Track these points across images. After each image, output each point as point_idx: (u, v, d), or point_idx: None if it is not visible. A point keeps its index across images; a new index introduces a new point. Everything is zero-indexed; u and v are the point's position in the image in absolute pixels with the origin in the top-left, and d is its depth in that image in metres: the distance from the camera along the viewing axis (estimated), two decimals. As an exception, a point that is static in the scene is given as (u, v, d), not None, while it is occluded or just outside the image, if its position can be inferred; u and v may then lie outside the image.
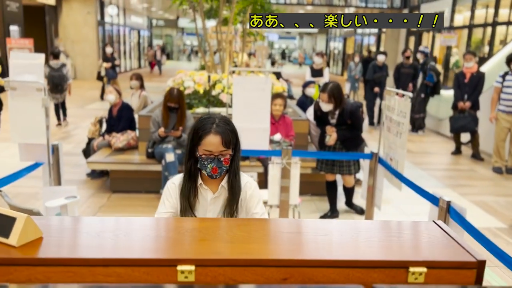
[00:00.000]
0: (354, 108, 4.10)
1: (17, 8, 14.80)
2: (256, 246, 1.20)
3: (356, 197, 4.75)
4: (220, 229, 1.29)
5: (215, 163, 1.82)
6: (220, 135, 1.81)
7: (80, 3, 17.79)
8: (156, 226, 1.29)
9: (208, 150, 1.80)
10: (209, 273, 1.12)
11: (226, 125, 1.85)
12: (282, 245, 1.21)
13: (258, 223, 1.35)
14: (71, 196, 2.93)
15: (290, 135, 4.96)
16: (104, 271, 1.10)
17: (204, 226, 1.30)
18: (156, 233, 1.24)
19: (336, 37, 28.68)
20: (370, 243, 1.23)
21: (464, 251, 1.20)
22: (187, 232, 1.25)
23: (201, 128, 1.83)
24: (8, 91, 2.91)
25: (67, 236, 1.20)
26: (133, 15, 24.20)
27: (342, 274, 1.13)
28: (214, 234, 1.25)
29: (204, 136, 1.81)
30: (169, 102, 4.66)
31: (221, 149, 1.81)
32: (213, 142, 1.80)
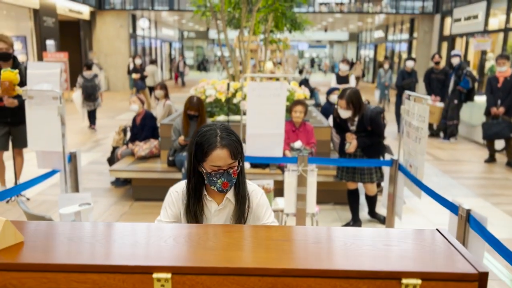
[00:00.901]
0: (374, 114, 3.97)
1: (53, 23, 15.39)
2: (240, 253, 1.14)
3: (379, 206, 4.60)
4: (205, 235, 1.23)
5: (225, 177, 1.70)
6: (227, 148, 1.68)
7: (113, 17, 18.34)
8: (138, 232, 1.25)
9: (217, 166, 1.68)
10: (186, 282, 1.06)
11: (231, 136, 1.73)
12: (268, 253, 1.14)
13: (248, 229, 1.29)
14: (85, 203, 2.94)
15: (311, 142, 4.87)
16: (79, 277, 1.07)
17: (188, 233, 1.25)
18: (136, 239, 1.20)
19: (367, 44, 28.32)
20: (363, 252, 1.15)
21: (466, 262, 1.09)
22: (170, 239, 1.21)
23: (205, 142, 1.70)
24: (26, 100, 2.98)
25: (48, 242, 1.18)
26: (165, 27, 24.73)
27: (328, 284, 1.05)
28: (198, 241, 1.20)
29: (210, 151, 1.68)
30: (189, 110, 4.67)
31: (230, 162, 1.69)
32: (221, 156, 1.67)
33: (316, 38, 38.30)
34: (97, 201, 5.04)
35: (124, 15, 18.37)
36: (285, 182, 3.43)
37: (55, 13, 15.44)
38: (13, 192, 2.56)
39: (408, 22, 19.73)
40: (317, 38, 38.99)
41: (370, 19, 21.86)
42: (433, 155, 7.52)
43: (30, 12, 14.38)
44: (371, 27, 26.03)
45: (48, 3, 14.91)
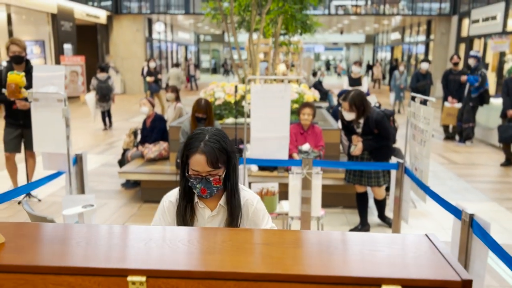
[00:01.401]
0: (380, 117, 3.91)
1: (71, 27, 15.66)
2: (217, 257, 1.12)
3: (388, 210, 4.52)
4: (185, 238, 1.21)
5: (203, 183, 1.69)
6: (205, 154, 1.66)
7: (130, 21, 18.57)
8: (117, 235, 1.25)
9: (195, 170, 1.68)
10: (161, 285, 1.05)
11: (215, 143, 1.69)
12: (246, 257, 1.12)
13: (228, 233, 1.27)
14: (88, 204, 2.96)
15: (319, 145, 4.83)
16: (55, 279, 1.06)
17: (168, 235, 1.24)
18: (114, 242, 1.19)
19: (383, 46, 28.05)
20: (345, 257, 1.12)
21: (450, 269, 1.05)
22: (149, 241, 1.19)
23: (189, 146, 1.70)
24: (31, 102, 3.02)
25: (29, 243, 1.18)
26: (180, 31, 24.93)
27: (306, 290, 1.02)
28: (177, 244, 1.18)
29: (190, 155, 1.68)
30: (197, 113, 4.67)
31: (208, 169, 1.67)
32: (199, 162, 1.66)
33: (332, 40, 38.10)
34: (107, 203, 5.09)
35: (140, 19, 18.58)
36: (290, 185, 3.40)
37: (73, 18, 15.71)
38: (17, 193, 2.58)
39: (425, 23, 19.48)
40: (334, 40, 38.79)
41: (386, 21, 21.65)
42: (448, 158, 7.38)
43: (48, 17, 14.67)
44: (388, 29, 25.79)
45: (65, 7, 15.18)
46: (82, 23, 16.79)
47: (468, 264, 2.19)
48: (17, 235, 1.23)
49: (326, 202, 5.04)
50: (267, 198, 3.50)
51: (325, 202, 5.03)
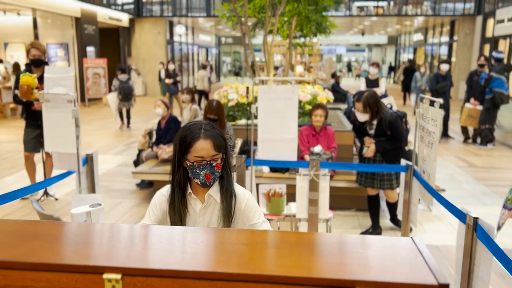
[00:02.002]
0: (393, 119, 3.85)
1: (94, 30, 15.98)
2: (194, 256, 1.12)
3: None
4: (166, 237, 1.22)
5: (208, 169, 1.75)
6: (210, 138, 1.75)
7: (151, 24, 18.83)
8: (98, 233, 1.26)
9: (200, 156, 1.73)
10: (137, 283, 1.05)
11: (214, 129, 1.79)
12: (223, 257, 1.11)
13: (208, 232, 1.27)
14: (96, 204, 3.01)
15: (331, 147, 4.79)
16: (34, 275, 1.08)
17: (149, 234, 1.25)
18: (94, 240, 1.21)
19: (406, 47, 27.64)
20: (323, 258, 1.10)
21: (429, 273, 1.02)
22: (129, 240, 1.20)
23: (189, 134, 1.76)
24: (43, 103, 3.09)
25: (11, 239, 1.20)
26: (202, 33, 25.13)
27: (279, 291, 1.01)
28: (155, 243, 1.19)
29: (193, 142, 1.74)
30: (209, 114, 4.69)
31: (213, 154, 1.74)
32: (204, 147, 1.73)
33: (354, 41, 37.75)
34: (120, 202, 5.16)
35: (162, 22, 18.81)
36: (297, 187, 3.38)
37: (96, 21, 16.03)
38: (25, 192, 2.65)
39: (448, 24, 19.10)
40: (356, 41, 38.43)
41: (408, 21, 21.32)
42: (467, 161, 7.21)
43: (72, 21, 15.01)
44: (410, 30, 25.39)
45: (89, 11, 15.50)
46: (104, 26, 17.11)
47: (472, 269, 2.13)
48: (1, 232, 1.26)
49: (338, 204, 5.00)
50: (274, 199, 3.49)
51: (337, 204, 4.99)
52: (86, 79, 14.76)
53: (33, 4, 12.94)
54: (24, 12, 14.47)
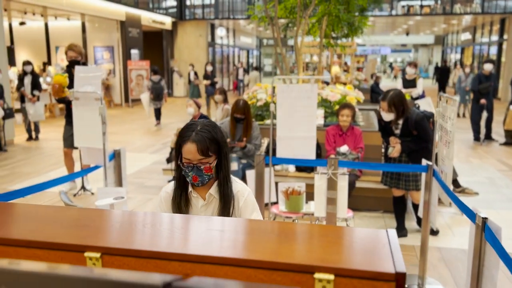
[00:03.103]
0: (419, 118, 3.78)
1: (138, 33, 16.54)
2: (169, 240, 1.19)
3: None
4: (148, 222, 1.30)
5: (195, 171, 1.78)
6: (196, 143, 1.75)
7: (193, 26, 19.25)
8: (90, 217, 1.36)
9: (187, 158, 1.78)
10: (115, 262, 1.13)
11: (206, 133, 1.78)
12: (195, 241, 1.18)
13: (191, 219, 1.33)
14: (119, 196, 3.16)
15: (358, 147, 4.74)
16: (26, 252, 1.19)
17: (135, 219, 1.33)
18: (84, 223, 1.30)
19: (453, 47, 26.65)
20: (288, 245, 1.14)
21: (391, 262, 1.04)
22: (116, 223, 1.29)
23: (181, 135, 1.80)
24: (73, 101, 3.28)
25: (14, 220, 1.32)
26: (243, 35, 25.39)
27: (243, 274, 1.06)
28: (138, 227, 1.27)
29: (182, 144, 1.78)
30: (236, 113, 4.79)
31: (199, 158, 1.76)
32: (190, 150, 1.76)
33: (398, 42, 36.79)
34: (151, 198, 5.35)
35: (203, 24, 19.19)
36: (315, 185, 3.38)
37: (140, 24, 16.59)
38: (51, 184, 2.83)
39: (498, 22, 18.27)
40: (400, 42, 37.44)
41: (456, 20, 20.58)
42: (509, 165, 6.90)
43: (117, 24, 15.62)
44: (458, 29, 24.48)
45: (133, 15, 16.07)
46: (148, 29, 17.67)
47: (481, 271, 2.08)
48: (8, 214, 1.38)
49: (365, 205, 4.94)
50: (293, 197, 3.52)
51: (364, 205, 4.94)
52: (130, 81, 15.31)
53: (82, 9, 13.58)
54: (74, 17, 15.22)
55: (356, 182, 4.73)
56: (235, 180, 1.93)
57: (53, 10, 13.67)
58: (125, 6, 15.29)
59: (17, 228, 1.26)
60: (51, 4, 12.32)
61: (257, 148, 4.75)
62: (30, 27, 15.52)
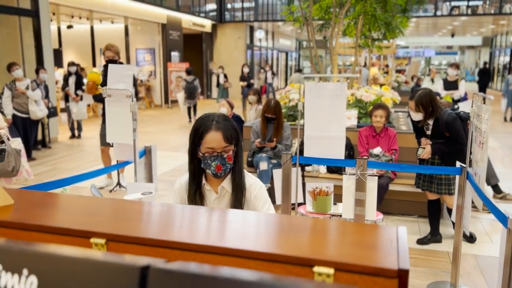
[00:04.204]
0: (451, 119, 3.63)
1: (178, 36, 16.88)
2: (172, 229, 1.19)
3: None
4: (155, 212, 1.31)
5: (219, 160, 1.79)
6: (221, 130, 1.78)
7: (232, 29, 19.44)
8: (101, 206, 1.38)
9: (211, 147, 1.78)
10: (119, 248, 1.15)
11: (227, 121, 1.82)
12: (198, 230, 1.17)
13: (198, 210, 1.33)
14: (147, 192, 3.22)
15: (392, 149, 4.62)
16: (38, 236, 1.22)
17: (141, 209, 1.34)
18: (93, 210, 1.33)
19: (502, 49, 25.50)
20: (291, 238, 1.11)
21: (395, 259, 0.99)
22: (123, 212, 1.31)
23: (201, 126, 1.81)
24: (106, 98, 3.38)
25: (30, 206, 1.37)
26: (282, 38, 25.38)
27: (243, 264, 1.04)
28: (143, 216, 1.29)
29: (205, 133, 1.78)
30: (267, 113, 4.78)
31: (224, 145, 1.78)
32: (215, 138, 1.77)
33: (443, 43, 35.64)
34: (183, 196, 5.43)
35: (242, 27, 19.33)
36: (344, 186, 3.31)
37: (180, 27, 16.93)
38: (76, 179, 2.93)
39: (551, 22, 17.33)
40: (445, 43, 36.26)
41: (504, 21, 19.69)
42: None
43: (159, 27, 16.01)
44: (508, 30, 23.41)
45: (174, 18, 16.42)
46: (188, 32, 18.00)
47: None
48: (26, 200, 1.43)
49: (399, 209, 4.80)
50: (320, 198, 3.46)
51: (397, 209, 4.80)
52: (170, 82, 15.63)
53: (125, 13, 14.02)
54: (117, 20, 15.73)
55: (389, 184, 4.61)
56: (248, 174, 1.93)
57: (98, 14, 14.19)
58: (166, 9, 15.65)
59: (31, 214, 1.30)
60: (97, 7, 12.79)
61: (287, 149, 4.72)
62: (77, 30, 16.17)
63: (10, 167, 4.18)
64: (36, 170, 6.75)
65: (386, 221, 4.61)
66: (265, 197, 1.89)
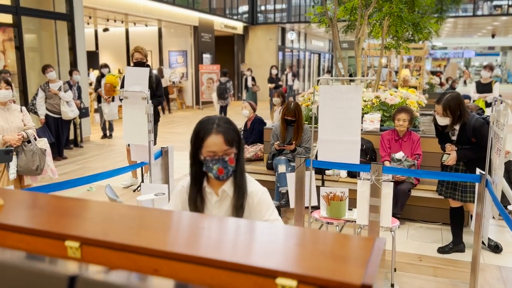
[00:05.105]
0: (478, 124, 3.47)
1: (210, 38, 17.05)
2: (143, 235, 1.19)
3: (491, 231, 3.96)
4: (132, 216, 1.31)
5: (220, 163, 1.78)
6: (222, 134, 1.76)
7: (264, 30, 19.45)
8: (80, 207, 1.39)
9: (212, 151, 1.77)
10: (92, 253, 1.15)
11: (227, 124, 1.81)
12: (169, 237, 1.16)
13: (175, 215, 1.32)
14: (160, 193, 3.25)
15: (415, 153, 4.48)
16: (18, 237, 1.24)
17: (120, 211, 1.34)
18: (72, 212, 1.34)
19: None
20: (260, 247, 1.08)
21: (362, 272, 0.94)
22: (101, 214, 1.32)
23: (202, 129, 1.80)
24: (123, 100, 3.44)
25: (18, 207, 1.40)
26: (314, 39, 25.18)
27: (208, 273, 1.02)
28: (122, 219, 1.28)
29: (206, 137, 1.77)
30: (286, 115, 4.74)
31: (225, 148, 1.76)
32: (216, 142, 1.76)
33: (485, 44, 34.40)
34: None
35: (274, 28, 19.31)
36: (358, 192, 3.23)
37: (212, 29, 17.09)
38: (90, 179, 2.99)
39: None
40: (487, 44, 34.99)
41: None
42: None
43: (191, 29, 16.22)
44: (553, 29, 22.32)
45: (206, 20, 16.60)
46: (220, 34, 18.14)
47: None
48: (16, 201, 1.46)
49: (422, 216, 4.65)
50: (334, 203, 3.39)
51: (420, 216, 4.64)
52: (201, 84, 15.80)
53: (159, 16, 14.29)
54: (151, 23, 16.05)
55: (411, 190, 4.47)
56: (250, 179, 1.91)
57: (133, 17, 14.52)
58: (199, 12, 15.84)
59: (14, 214, 1.33)
60: (131, 11, 13.10)
61: (307, 151, 4.66)
62: (113, 32, 16.61)
63: (34, 166, 4.33)
64: (66, 169, 6.97)
65: (408, 228, 4.47)
66: (268, 202, 1.86)
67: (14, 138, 4.19)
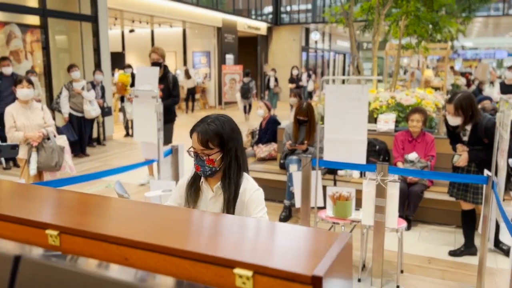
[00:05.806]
0: (490, 124, 3.38)
1: (233, 39, 17.16)
2: (115, 225, 1.23)
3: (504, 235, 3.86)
4: (115, 208, 1.36)
5: (197, 161, 1.85)
6: (198, 133, 1.82)
7: (287, 31, 19.43)
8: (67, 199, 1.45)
9: (193, 147, 1.86)
10: (68, 240, 1.21)
11: (212, 126, 1.82)
12: (141, 227, 1.20)
13: (152, 208, 1.36)
14: (168, 189, 3.32)
15: (429, 155, 4.41)
16: (3, 225, 1.31)
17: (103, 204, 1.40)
18: (59, 203, 1.40)
19: None
20: (228, 239, 1.11)
21: (315, 264, 0.96)
22: (83, 206, 1.37)
23: (194, 125, 1.88)
24: (134, 98, 3.53)
25: (7, 197, 1.47)
26: (340, 39, 24.98)
27: (173, 262, 1.06)
28: (102, 210, 1.34)
29: (191, 133, 1.87)
30: (299, 115, 4.74)
31: (200, 148, 1.82)
32: (194, 139, 1.85)
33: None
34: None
35: (298, 29, 19.27)
36: (363, 192, 3.22)
37: (235, 30, 17.20)
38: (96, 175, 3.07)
39: None
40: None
41: None
42: None
43: (214, 30, 16.37)
44: None
45: (229, 21, 16.71)
46: (243, 34, 18.23)
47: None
48: (6, 192, 1.54)
49: (435, 218, 4.57)
50: (340, 202, 3.38)
51: (434, 218, 4.57)
52: (224, 84, 15.92)
53: (183, 17, 14.48)
54: (176, 24, 16.29)
55: (424, 192, 4.40)
56: (248, 179, 1.93)
57: (157, 18, 14.77)
58: (222, 13, 15.97)
59: (6, 205, 1.40)
60: (156, 12, 13.33)
61: (320, 151, 4.64)
62: (139, 34, 16.94)
63: (53, 162, 4.48)
64: (87, 166, 7.17)
65: (420, 230, 4.40)
66: (258, 201, 1.88)
67: (34, 135, 4.35)
